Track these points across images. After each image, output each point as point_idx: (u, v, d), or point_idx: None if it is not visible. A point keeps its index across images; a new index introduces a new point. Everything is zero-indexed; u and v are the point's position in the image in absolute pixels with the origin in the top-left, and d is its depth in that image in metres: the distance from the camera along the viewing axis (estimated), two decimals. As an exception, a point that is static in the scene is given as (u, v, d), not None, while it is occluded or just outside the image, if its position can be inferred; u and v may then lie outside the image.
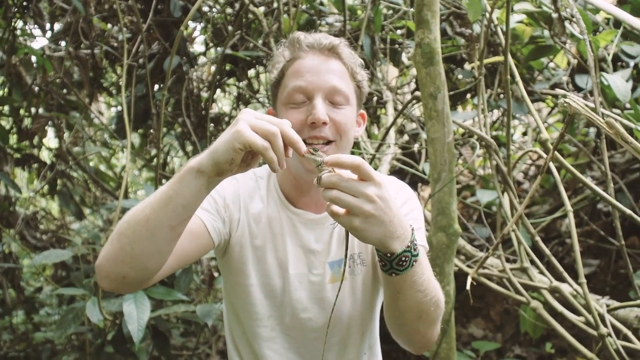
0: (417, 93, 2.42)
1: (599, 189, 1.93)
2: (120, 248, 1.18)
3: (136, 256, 1.17)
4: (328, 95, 1.38)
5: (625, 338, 2.04)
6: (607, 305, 2.11)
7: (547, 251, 2.13)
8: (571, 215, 1.90)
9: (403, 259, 1.10)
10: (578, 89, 3.04)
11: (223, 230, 1.44)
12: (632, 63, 2.96)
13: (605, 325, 1.94)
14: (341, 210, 1.06)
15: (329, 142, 1.38)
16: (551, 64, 3.33)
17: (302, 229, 1.49)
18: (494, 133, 3.62)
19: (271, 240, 1.49)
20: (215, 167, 1.11)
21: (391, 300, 1.22)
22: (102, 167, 4.65)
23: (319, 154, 1.12)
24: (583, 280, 1.87)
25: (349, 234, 1.50)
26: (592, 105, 2.08)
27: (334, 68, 1.41)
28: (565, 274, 2.08)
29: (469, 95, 3.53)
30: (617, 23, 2.89)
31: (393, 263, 1.10)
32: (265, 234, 1.49)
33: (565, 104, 1.51)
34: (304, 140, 1.34)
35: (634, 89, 2.78)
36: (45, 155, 4.03)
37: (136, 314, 2.20)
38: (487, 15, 2.46)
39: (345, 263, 1.25)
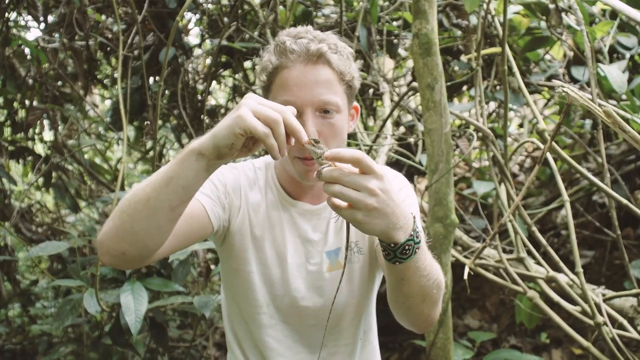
0: (414, 84, 2.42)
1: (596, 179, 1.94)
2: (120, 225, 1.19)
3: (136, 234, 1.18)
4: (318, 108, 1.36)
5: (621, 327, 2.06)
6: (603, 295, 2.13)
7: (543, 241, 2.14)
8: (568, 205, 1.91)
9: (406, 247, 1.10)
10: (574, 80, 3.04)
11: (223, 216, 1.45)
12: (628, 54, 2.97)
13: (602, 315, 1.95)
14: (343, 204, 1.06)
15: None
16: (547, 56, 3.34)
17: (300, 219, 1.51)
18: (490, 125, 3.62)
19: (270, 230, 1.50)
20: (215, 150, 1.11)
21: (395, 287, 1.23)
22: (97, 160, 4.63)
23: (320, 146, 1.12)
24: (580, 269, 1.88)
25: (350, 225, 1.51)
26: (589, 96, 2.09)
27: (322, 78, 1.36)
28: (562, 264, 2.09)
29: (465, 87, 3.54)
30: (614, 14, 2.89)
31: (397, 252, 1.11)
32: (264, 225, 1.50)
33: (563, 94, 1.52)
34: (294, 157, 1.36)
35: (629, 81, 2.79)
36: (40, 148, 4.00)
37: (134, 305, 2.21)
38: (485, 6, 2.45)
39: (346, 253, 1.27)
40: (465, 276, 1.83)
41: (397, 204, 1.07)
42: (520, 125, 4.06)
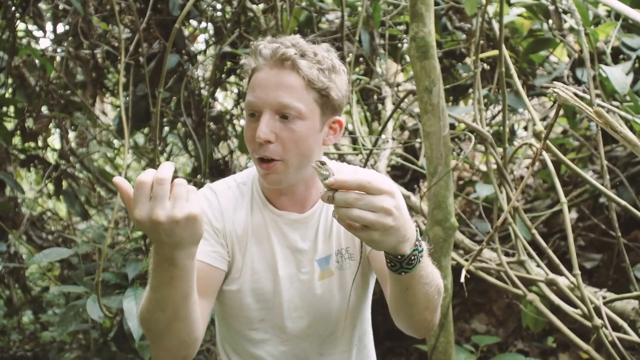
0: (413, 87, 2.42)
1: (595, 182, 1.92)
2: (166, 346, 1.24)
3: (183, 340, 1.24)
4: (277, 111, 1.35)
5: (623, 330, 2.03)
6: (604, 298, 2.10)
7: (543, 244, 2.12)
8: (565, 207, 1.89)
9: (412, 258, 1.11)
10: (579, 82, 3.02)
11: (224, 252, 1.47)
12: (633, 55, 2.93)
13: (601, 317, 1.93)
14: (357, 225, 1.04)
15: (275, 160, 1.37)
16: (554, 58, 3.32)
17: (287, 229, 1.50)
18: (495, 128, 3.61)
19: (259, 245, 1.49)
20: (187, 252, 1.09)
21: (400, 297, 1.24)
22: (108, 168, 4.68)
23: (326, 168, 1.09)
24: (577, 271, 1.86)
25: (338, 232, 1.52)
26: (586, 96, 2.08)
27: (285, 82, 1.35)
28: (562, 267, 2.07)
29: (470, 90, 3.53)
30: (619, 15, 2.87)
31: (403, 263, 1.11)
32: (253, 240, 1.49)
33: (554, 94, 1.51)
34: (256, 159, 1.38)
35: (635, 82, 2.76)
36: (50, 156, 4.06)
37: (136, 310, 2.22)
38: (482, 8, 2.45)
39: (360, 261, 1.40)
40: (462, 279, 1.82)
41: (405, 217, 1.07)
42: (526, 128, 4.03)
